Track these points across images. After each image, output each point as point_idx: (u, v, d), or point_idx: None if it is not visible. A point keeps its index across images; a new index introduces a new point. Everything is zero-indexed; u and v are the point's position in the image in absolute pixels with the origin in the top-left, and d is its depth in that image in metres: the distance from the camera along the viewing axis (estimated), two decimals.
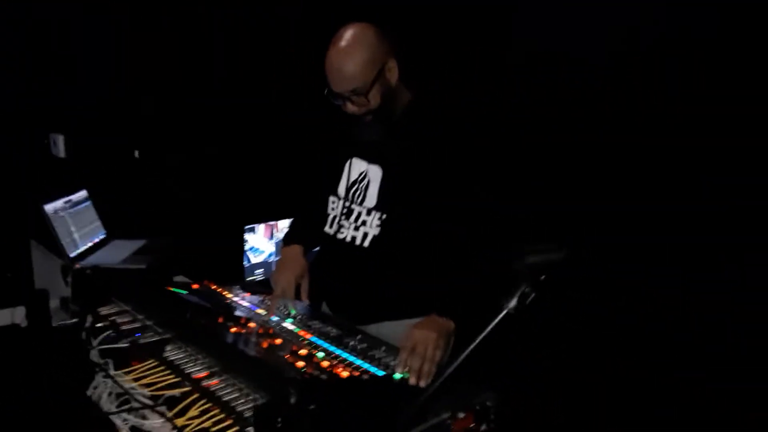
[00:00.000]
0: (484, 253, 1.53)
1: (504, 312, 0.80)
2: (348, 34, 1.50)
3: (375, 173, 1.63)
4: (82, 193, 2.69)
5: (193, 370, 1.34)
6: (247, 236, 2.86)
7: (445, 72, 2.56)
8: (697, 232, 2.02)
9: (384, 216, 1.61)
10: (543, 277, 0.81)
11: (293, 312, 1.64)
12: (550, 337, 2.26)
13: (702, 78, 1.98)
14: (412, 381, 1.34)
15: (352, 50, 1.48)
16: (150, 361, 1.39)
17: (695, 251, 2.01)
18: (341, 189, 1.70)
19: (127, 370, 1.35)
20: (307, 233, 1.82)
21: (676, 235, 2.06)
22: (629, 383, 2.12)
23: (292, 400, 1.12)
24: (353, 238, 1.66)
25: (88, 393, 1.28)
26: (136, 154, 2.95)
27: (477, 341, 0.80)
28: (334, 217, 1.71)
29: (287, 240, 1.84)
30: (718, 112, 1.95)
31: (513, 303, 0.80)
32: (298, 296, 1.70)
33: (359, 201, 1.65)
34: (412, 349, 1.37)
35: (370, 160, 1.64)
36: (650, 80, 2.11)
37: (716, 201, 1.96)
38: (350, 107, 1.54)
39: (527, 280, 0.81)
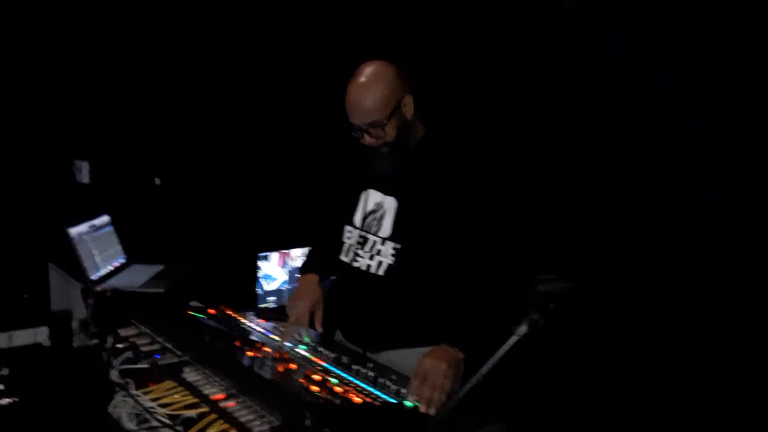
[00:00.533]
0: (495, 282, 1.58)
1: (514, 338, 0.85)
2: (367, 71, 1.58)
3: (390, 204, 1.69)
4: (105, 218, 2.77)
5: (210, 391, 1.38)
6: (260, 264, 2.91)
7: (456, 105, 2.63)
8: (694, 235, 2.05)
9: (398, 245, 1.66)
10: (552, 305, 0.85)
11: (306, 339, 1.68)
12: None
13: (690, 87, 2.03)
14: (423, 409, 1.37)
15: (371, 85, 1.56)
16: (168, 382, 1.43)
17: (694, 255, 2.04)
18: (357, 219, 1.76)
19: (145, 390, 1.39)
20: (323, 262, 1.87)
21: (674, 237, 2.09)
22: (632, 393, 2.13)
23: (308, 423, 1.16)
24: (368, 267, 1.71)
25: (109, 411, 1.32)
26: (157, 181, 3.04)
27: (487, 367, 0.85)
28: (350, 245, 1.77)
29: (304, 269, 1.89)
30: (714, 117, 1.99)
31: (523, 329, 0.85)
32: (311, 325, 1.74)
33: (374, 231, 1.71)
34: (422, 378, 1.42)
35: (386, 192, 1.70)
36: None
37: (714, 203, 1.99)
38: (368, 139, 1.61)
39: (538, 308, 0.85)
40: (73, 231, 2.48)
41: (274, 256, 2.98)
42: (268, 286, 2.96)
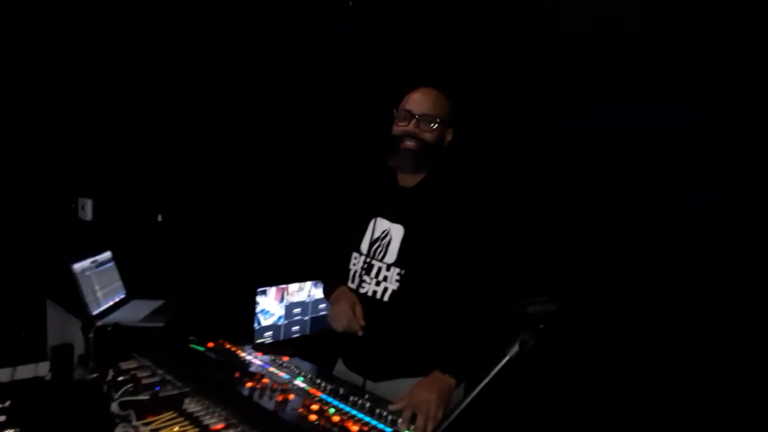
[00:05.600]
0: (490, 307, 1.62)
1: (506, 358, 0.89)
2: (436, 90, 1.79)
3: (397, 231, 1.76)
4: (107, 254, 2.81)
5: (211, 421, 1.40)
6: (258, 299, 2.93)
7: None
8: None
9: (403, 272, 1.72)
10: (541, 326, 0.90)
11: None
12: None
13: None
14: None
15: (441, 94, 1.78)
16: (169, 414, 1.45)
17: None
18: (364, 245, 1.82)
19: (146, 421, 1.41)
20: (340, 281, 1.89)
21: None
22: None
23: None
24: (374, 293, 1.76)
25: None
26: (159, 218, 3.09)
27: (480, 387, 0.88)
28: (355, 272, 1.82)
29: (329, 288, 1.92)
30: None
31: (515, 350, 0.89)
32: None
33: (380, 257, 1.77)
34: (413, 408, 1.46)
35: (393, 220, 1.78)
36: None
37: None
38: (413, 128, 1.72)
39: (527, 328, 0.90)
40: (77, 266, 2.51)
41: (272, 291, 3.01)
42: (265, 321, 2.98)
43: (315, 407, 1.46)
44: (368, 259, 1.78)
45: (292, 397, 1.52)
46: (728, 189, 1.98)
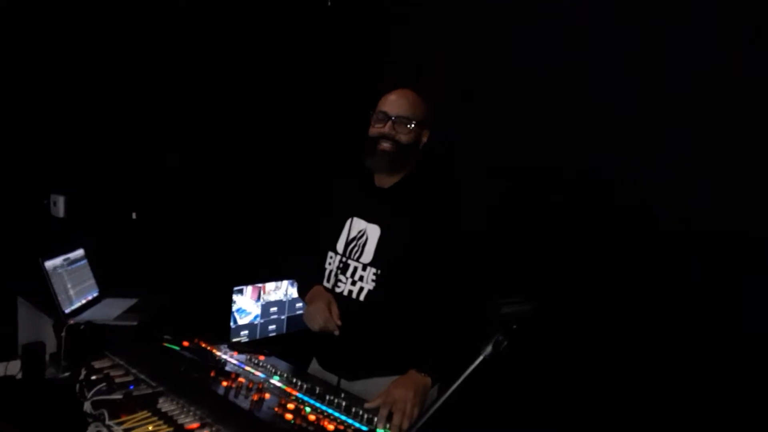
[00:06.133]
0: (465, 307, 1.65)
1: (480, 358, 0.91)
2: (417, 90, 1.80)
3: (373, 231, 1.77)
4: (80, 252, 2.77)
5: (185, 421, 1.39)
6: (235, 297, 2.91)
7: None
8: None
9: (379, 272, 1.73)
10: (515, 326, 0.92)
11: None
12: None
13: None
14: None
15: (418, 96, 1.79)
16: (143, 413, 1.44)
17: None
18: (340, 245, 1.83)
19: (119, 421, 1.40)
20: (315, 280, 1.90)
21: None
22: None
23: None
24: (350, 292, 1.77)
25: None
26: (134, 215, 3.05)
27: (454, 386, 0.90)
28: (331, 271, 1.83)
29: (304, 288, 1.91)
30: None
31: (488, 350, 0.91)
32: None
33: (356, 257, 1.78)
34: (390, 407, 1.48)
35: (369, 220, 1.79)
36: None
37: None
38: (389, 130, 1.73)
39: (501, 329, 0.92)
40: (48, 264, 2.47)
41: (249, 289, 2.99)
42: (241, 319, 2.96)
43: (291, 406, 1.46)
44: (344, 259, 1.79)
45: (267, 396, 1.52)
46: (728, 189, 1.99)
